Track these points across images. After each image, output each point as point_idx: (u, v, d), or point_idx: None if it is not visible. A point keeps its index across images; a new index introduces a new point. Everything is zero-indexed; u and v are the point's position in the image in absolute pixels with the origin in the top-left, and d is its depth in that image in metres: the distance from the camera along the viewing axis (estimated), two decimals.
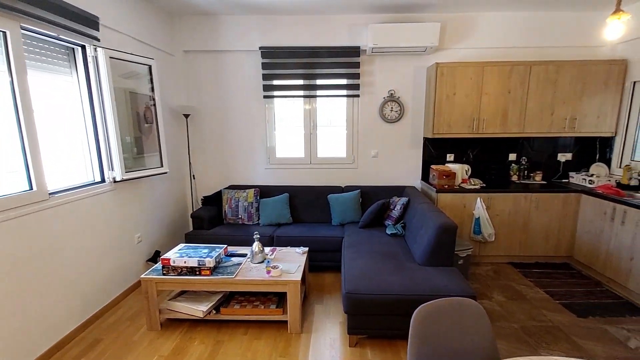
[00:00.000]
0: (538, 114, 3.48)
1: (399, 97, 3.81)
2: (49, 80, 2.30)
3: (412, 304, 2.11)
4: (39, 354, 2.09)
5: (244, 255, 2.71)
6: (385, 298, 2.15)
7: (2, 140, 1.94)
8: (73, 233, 2.37)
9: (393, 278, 2.29)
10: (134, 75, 2.99)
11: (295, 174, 4.01)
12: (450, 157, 3.94)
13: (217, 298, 2.55)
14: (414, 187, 3.84)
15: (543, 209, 3.42)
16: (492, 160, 3.93)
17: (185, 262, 2.38)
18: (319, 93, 3.75)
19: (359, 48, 3.59)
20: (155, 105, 3.16)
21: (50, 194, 2.19)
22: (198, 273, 2.39)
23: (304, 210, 3.72)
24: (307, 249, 2.88)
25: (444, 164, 3.86)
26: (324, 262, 3.30)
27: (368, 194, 3.75)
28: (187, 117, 3.70)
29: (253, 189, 3.66)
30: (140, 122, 3.05)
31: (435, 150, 3.92)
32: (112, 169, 2.72)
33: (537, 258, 3.57)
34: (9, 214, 1.90)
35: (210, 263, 2.36)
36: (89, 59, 2.54)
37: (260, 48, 3.60)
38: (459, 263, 3.05)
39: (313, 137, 3.93)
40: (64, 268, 2.30)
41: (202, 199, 3.67)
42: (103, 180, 2.71)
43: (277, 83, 3.73)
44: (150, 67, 3.07)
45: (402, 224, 3.28)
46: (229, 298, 2.62)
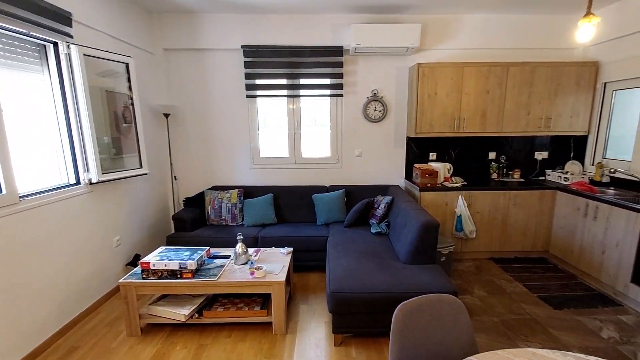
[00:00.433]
0: (515, 114, 3.59)
1: (382, 96, 3.84)
2: (20, 79, 2.19)
3: (395, 302, 2.13)
4: None
5: (228, 257, 2.67)
6: (370, 296, 2.16)
7: None
8: (47, 237, 2.28)
9: (377, 276, 2.31)
10: (112, 74, 2.90)
11: (280, 174, 3.98)
12: (433, 156, 4.00)
13: (199, 301, 2.50)
14: (398, 185, 3.89)
15: (521, 206, 3.53)
16: (472, 159, 4.02)
17: (166, 265, 2.32)
18: (303, 93, 3.74)
19: (342, 48, 3.61)
20: (134, 105, 3.07)
21: (21, 197, 2.10)
22: (179, 276, 2.34)
23: (289, 211, 3.70)
24: (291, 249, 2.87)
25: (427, 163, 3.93)
26: (309, 261, 3.30)
27: (353, 193, 3.76)
28: (167, 116, 3.62)
29: (237, 190, 3.61)
30: (119, 122, 2.96)
31: (419, 150, 3.98)
32: (87, 171, 2.62)
33: (516, 253, 3.68)
34: None
35: (192, 266, 2.32)
36: (62, 57, 2.44)
37: (243, 47, 3.56)
38: (442, 260, 3.11)
39: (297, 136, 3.92)
40: (38, 274, 2.20)
41: (184, 201, 3.60)
42: (78, 182, 2.61)
43: (260, 82, 3.70)
44: (128, 65, 2.98)
45: (386, 223, 3.31)
46: (212, 301, 2.57)
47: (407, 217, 2.76)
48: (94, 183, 2.67)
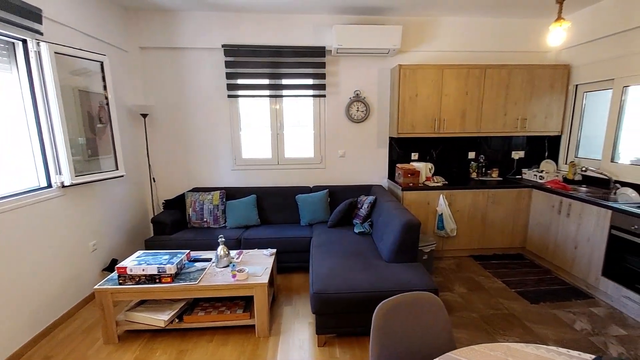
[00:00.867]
0: (493, 115, 3.69)
1: (365, 97, 3.87)
2: None
3: (378, 301, 2.11)
4: None
5: (209, 260, 2.62)
6: (353, 296, 2.17)
7: None
8: (16, 243, 2.17)
9: (360, 276, 2.32)
10: (86, 73, 2.80)
11: (263, 175, 3.95)
12: (415, 156, 4.07)
13: (180, 306, 2.44)
14: (381, 185, 3.92)
15: (499, 204, 3.63)
16: (453, 159, 4.11)
17: (144, 269, 2.26)
18: (285, 93, 3.72)
19: (324, 48, 3.61)
20: (109, 105, 2.97)
21: None
22: (158, 281, 2.28)
23: (272, 212, 3.67)
24: (274, 251, 2.85)
25: (409, 163, 3.98)
26: (293, 262, 3.28)
27: (336, 194, 3.77)
28: (145, 117, 3.51)
29: (219, 191, 3.55)
30: (93, 122, 2.86)
31: (401, 150, 4.04)
32: (59, 173, 2.52)
33: (494, 250, 3.79)
34: None
35: (172, 270, 2.26)
36: (31, 55, 2.33)
37: (223, 46, 3.50)
38: (424, 258, 3.16)
39: (280, 137, 3.89)
40: (8, 281, 2.09)
41: (163, 203, 3.51)
42: (50, 186, 2.50)
43: (241, 82, 3.65)
44: (102, 64, 2.88)
45: (369, 222, 3.33)
46: (193, 305, 2.52)
47: (389, 216, 2.79)
48: (67, 186, 2.57)
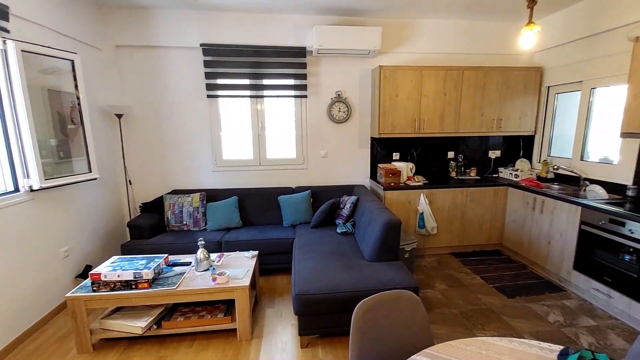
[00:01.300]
0: (470, 115, 3.79)
1: (346, 98, 3.89)
2: None
3: (360, 300, 2.15)
4: None
5: (188, 264, 2.56)
6: (335, 296, 2.17)
7: None
8: None
9: (342, 276, 2.32)
10: (56, 72, 2.68)
11: (245, 176, 3.89)
12: (396, 155, 4.12)
13: (158, 312, 2.37)
14: (364, 185, 3.95)
15: (477, 202, 3.73)
16: (433, 158, 4.19)
17: (119, 275, 2.18)
18: (266, 93, 3.69)
19: (305, 49, 3.60)
20: (81, 105, 2.86)
21: None
22: (134, 287, 2.20)
23: (255, 213, 3.63)
24: (256, 253, 2.81)
25: (391, 163, 4.03)
26: (276, 264, 3.25)
27: (319, 194, 3.77)
28: (120, 117, 3.40)
29: (199, 193, 3.48)
30: (65, 123, 2.74)
31: (383, 150, 4.08)
32: (27, 177, 2.39)
33: (473, 247, 3.89)
34: None
35: (149, 275, 2.19)
36: None
37: (202, 45, 3.43)
38: (405, 257, 3.20)
39: (262, 138, 3.85)
40: None
41: (140, 206, 3.40)
42: (17, 190, 2.38)
43: (221, 82, 3.59)
44: (73, 62, 2.76)
45: (352, 222, 3.35)
46: (172, 310, 2.45)
47: (371, 216, 2.81)
48: (36, 190, 2.45)
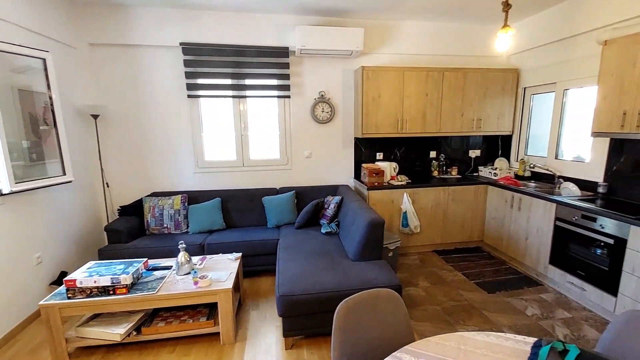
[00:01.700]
0: (451, 115, 3.87)
1: (330, 98, 3.90)
2: None
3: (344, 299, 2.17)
4: None
5: (169, 268, 2.50)
6: (319, 296, 2.17)
7: None
8: None
9: (326, 276, 2.32)
10: (28, 71, 2.57)
11: (228, 178, 3.84)
12: (380, 155, 4.16)
13: (137, 317, 2.31)
14: (348, 185, 3.97)
15: (458, 201, 3.81)
16: (416, 158, 4.26)
17: (96, 281, 2.10)
18: (249, 93, 3.65)
19: (288, 49, 3.59)
20: (54, 105, 2.75)
21: None
22: (112, 292, 2.13)
23: (238, 215, 3.59)
24: (240, 255, 2.77)
25: (374, 163, 4.07)
26: (261, 266, 3.22)
27: (303, 195, 3.76)
28: (96, 118, 3.28)
29: (180, 195, 3.41)
30: (37, 124, 2.63)
31: (366, 150, 4.11)
32: None
33: (455, 244, 3.97)
34: None
35: (127, 280, 2.13)
36: None
37: (182, 44, 3.36)
38: (389, 255, 3.23)
39: (245, 138, 3.81)
40: None
41: (118, 209, 3.30)
42: None
43: (202, 82, 3.53)
44: (45, 60, 2.66)
45: (336, 222, 3.36)
46: (153, 315, 2.39)
47: (355, 215, 2.83)
48: (6, 194, 2.33)
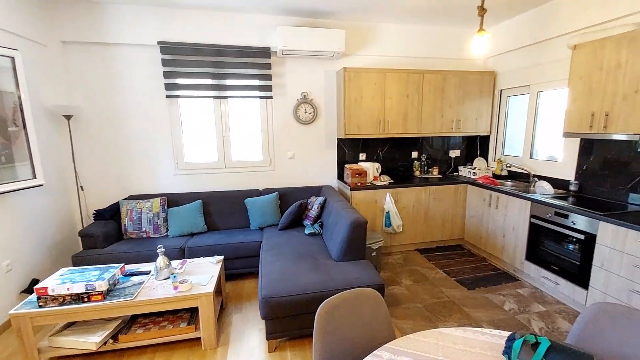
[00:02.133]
0: (432, 116, 3.95)
1: (312, 99, 3.90)
2: None
3: None
4: None
5: (148, 273, 2.43)
6: (302, 298, 2.16)
7: None
8: None
9: (309, 277, 2.32)
10: None
11: (209, 179, 3.78)
12: (363, 156, 4.19)
13: (114, 325, 2.23)
14: (331, 186, 3.98)
15: (439, 200, 3.89)
16: (398, 158, 4.32)
17: (69, 288, 2.02)
18: (230, 94, 3.60)
19: (269, 49, 3.57)
20: (22, 105, 2.63)
21: None
22: (87, 300, 2.06)
23: (220, 217, 3.53)
24: (222, 258, 2.73)
25: (357, 163, 4.10)
26: (244, 268, 3.18)
27: (287, 196, 3.75)
28: (69, 119, 3.15)
29: (159, 198, 3.32)
30: (6, 125, 2.51)
31: (349, 150, 4.14)
32: None
33: (437, 243, 4.05)
34: None
35: (102, 286, 2.05)
36: None
37: (159, 43, 3.28)
38: (373, 255, 3.26)
39: (226, 139, 3.76)
40: None
41: (94, 213, 3.18)
42: None
43: (181, 82, 3.46)
44: (14, 59, 2.53)
45: (319, 223, 3.36)
46: (131, 322, 2.32)
47: (338, 216, 2.84)
48: None
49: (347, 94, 3.64)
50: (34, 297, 2.12)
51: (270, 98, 3.75)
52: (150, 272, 2.45)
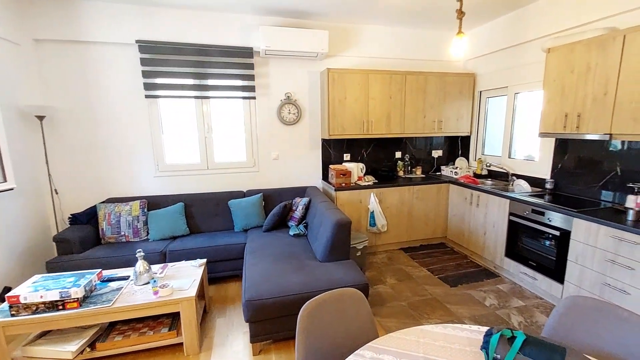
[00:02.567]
0: (414, 117, 4.01)
1: (296, 99, 3.89)
2: None
3: None
4: None
5: (126, 278, 2.36)
6: (286, 299, 2.15)
7: None
8: None
9: (293, 278, 2.31)
10: None
11: (191, 181, 3.70)
12: (347, 156, 4.21)
13: (91, 333, 2.15)
14: (316, 187, 3.98)
15: (422, 199, 3.95)
16: (382, 158, 4.36)
17: (42, 296, 1.94)
18: (212, 94, 3.55)
19: (252, 49, 3.54)
20: None
21: None
22: (62, 307, 1.98)
23: (203, 219, 3.47)
24: (204, 261, 2.68)
25: (342, 164, 4.11)
26: (228, 271, 3.13)
27: (271, 197, 3.72)
28: (42, 119, 3.02)
29: (138, 201, 3.23)
30: None
31: (334, 151, 4.15)
32: None
33: (421, 241, 4.11)
34: None
35: (78, 293, 1.98)
36: None
37: (138, 41, 3.20)
38: (358, 255, 3.28)
39: (209, 140, 3.70)
40: None
41: (69, 218, 3.06)
42: None
43: (161, 82, 3.38)
44: None
45: (304, 224, 3.35)
46: (109, 329, 2.24)
47: (322, 216, 2.84)
48: None
49: (330, 95, 3.65)
50: (6, 305, 2.02)
51: (254, 99, 3.71)
52: (129, 277, 2.37)
